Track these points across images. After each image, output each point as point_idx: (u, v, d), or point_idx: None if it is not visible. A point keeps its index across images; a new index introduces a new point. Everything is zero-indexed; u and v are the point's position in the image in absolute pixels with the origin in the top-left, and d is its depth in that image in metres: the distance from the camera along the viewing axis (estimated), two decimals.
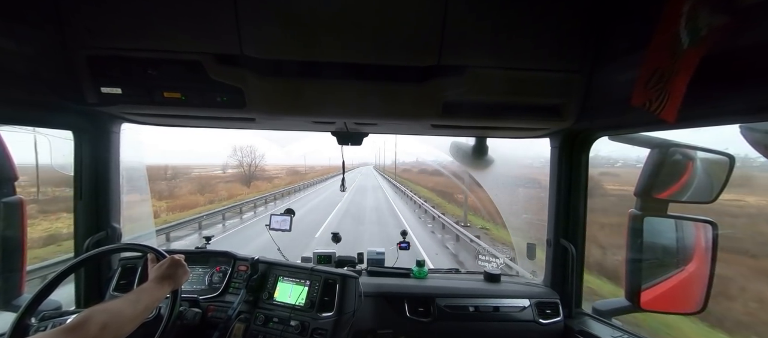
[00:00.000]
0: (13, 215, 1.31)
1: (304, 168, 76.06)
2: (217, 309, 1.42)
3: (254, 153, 42.25)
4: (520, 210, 2.17)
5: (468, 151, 1.77)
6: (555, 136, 1.55)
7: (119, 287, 1.51)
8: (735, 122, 0.82)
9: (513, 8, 0.98)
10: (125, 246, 1.46)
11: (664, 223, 1.29)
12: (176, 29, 1.00)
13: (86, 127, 1.45)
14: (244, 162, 42.20)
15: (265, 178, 43.62)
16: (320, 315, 1.38)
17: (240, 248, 1.73)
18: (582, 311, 1.57)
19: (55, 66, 1.05)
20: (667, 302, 1.30)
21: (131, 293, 0.96)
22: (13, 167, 1.30)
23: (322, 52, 1.03)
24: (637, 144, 1.31)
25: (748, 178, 5.16)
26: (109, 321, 0.79)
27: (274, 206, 18.62)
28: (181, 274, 1.10)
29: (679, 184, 1.25)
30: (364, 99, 1.17)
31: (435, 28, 0.97)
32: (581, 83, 1.13)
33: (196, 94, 1.12)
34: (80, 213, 1.51)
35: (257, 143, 45.24)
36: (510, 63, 1.07)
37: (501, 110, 1.21)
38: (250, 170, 42.08)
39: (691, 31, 0.65)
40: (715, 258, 1.18)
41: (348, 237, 1.98)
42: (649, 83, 0.76)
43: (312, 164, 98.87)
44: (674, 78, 0.69)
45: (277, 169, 66.86)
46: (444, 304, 1.55)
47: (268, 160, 50.28)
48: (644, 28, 0.78)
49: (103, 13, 0.99)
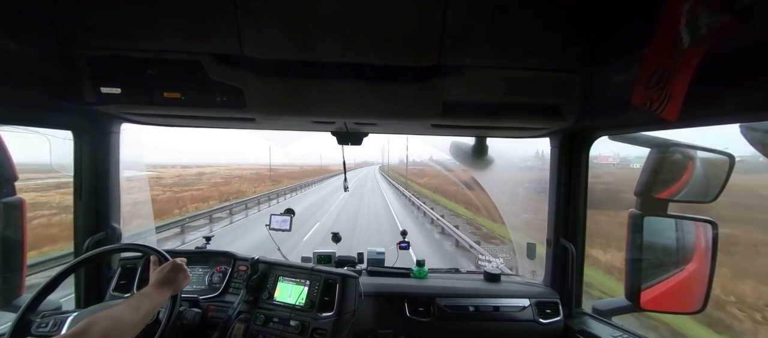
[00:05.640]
0: (13, 215, 1.31)
1: (271, 172, 49.56)
2: (217, 309, 1.42)
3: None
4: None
5: (468, 151, 1.76)
6: (555, 135, 1.55)
7: (119, 287, 1.51)
8: (735, 121, 0.81)
9: (513, 8, 0.98)
10: (126, 246, 1.46)
11: (664, 223, 1.29)
12: (176, 29, 1.00)
13: (86, 127, 1.44)
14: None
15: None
16: (320, 315, 1.38)
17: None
18: (582, 310, 1.57)
19: (55, 66, 1.05)
20: (667, 301, 1.30)
21: (132, 298, 0.96)
22: (13, 167, 1.30)
23: (321, 52, 1.03)
24: (637, 143, 1.31)
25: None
26: (110, 328, 0.79)
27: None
28: (182, 279, 1.10)
29: (679, 184, 1.25)
30: (364, 99, 1.17)
31: (435, 28, 0.97)
32: (581, 83, 1.13)
33: (196, 94, 1.12)
34: (80, 213, 1.51)
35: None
36: (510, 63, 1.07)
37: (501, 110, 1.21)
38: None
39: (692, 31, 0.65)
40: (715, 257, 1.18)
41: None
42: (649, 83, 0.76)
43: (298, 163, 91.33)
44: (675, 77, 0.69)
45: (227, 171, 52.51)
46: (444, 304, 1.55)
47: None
48: (644, 28, 0.78)
49: (102, 13, 0.99)
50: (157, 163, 47.42)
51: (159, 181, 31.49)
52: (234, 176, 44.75)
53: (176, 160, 75.18)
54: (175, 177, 37.89)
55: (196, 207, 17.83)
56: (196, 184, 32.56)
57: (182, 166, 58.84)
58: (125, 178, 1.68)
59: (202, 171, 48.50)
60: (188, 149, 52.17)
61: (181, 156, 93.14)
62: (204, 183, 33.77)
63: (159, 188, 26.21)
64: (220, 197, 22.37)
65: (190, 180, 36.17)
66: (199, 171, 50.31)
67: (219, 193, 24.93)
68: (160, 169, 45.49)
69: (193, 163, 69.36)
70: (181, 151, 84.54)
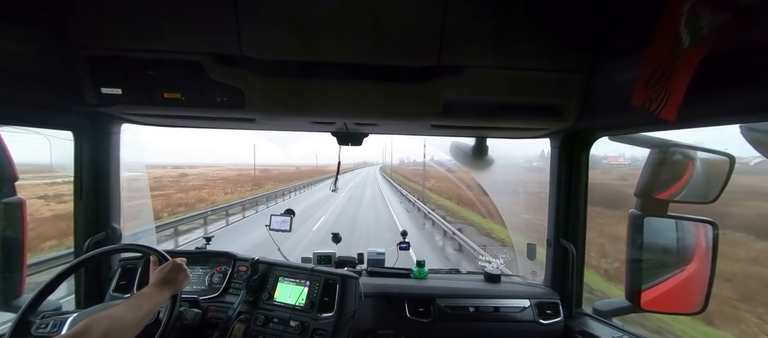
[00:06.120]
0: (14, 215, 1.31)
1: (255, 172, 44.10)
2: (217, 310, 1.42)
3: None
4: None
5: (468, 151, 1.76)
6: (555, 136, 1.55)
7: (119, 287, 1.51)
8: (735, 122, 0.81)
9: (513, 8, 0.98)
10: (126, 246, 1.46)
11: (665, 223, 1.29)
12: (176, 30, 1.00)
13: (86, 127, 1.45)
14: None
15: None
16: (320, 316, 1.38)
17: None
18: (582, 311, 1.57)
19: (56, 66, 1.05)
20: (668, 302, 1.30)
21: (132, 298, 0.96)
22: (13, 167, 1.30)
23: (321, 52, 1.03)
24: (637, 144, 1.31)
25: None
26: (110, 328, 0.79)
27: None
28: (182, 279, 1.10)
29: (679, 184, 1.25)
30: (363, 99, 1.17)
31: (435, 28, 0.97)
32: (581, 83, 1.12)
33: (196, 94, 1.12)
34: (80, 213, 1.51)
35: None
36: (510, 63, 1.07)
37: (501, 110, 1.21)
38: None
39: (692, 31, 0.65)
40: (716, 258, 1.18)
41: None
42: (649, 83, 0.76)
43: (296, 163, 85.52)
44: (674, 77, 0.69)
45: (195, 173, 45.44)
46: (444, 304, 1.55)
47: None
48: (644, 28, 0.77)
49: (103, 13, 0.99)
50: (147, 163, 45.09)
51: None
52: (220, 177, 41.49)
53: (173, 160, 73.96)
54: (153, 179, 35.31)
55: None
56: (165, 188, 27.86)
57: (173, 166, 56.50)
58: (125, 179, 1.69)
59: (185, 172, 44.20)
60: (187, 149, 52.38)
61: (178, 156, 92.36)
62: (174, 188, 28.74)
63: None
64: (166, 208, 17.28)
65: (165, 182, 32.65)
66: (182, 172, 45.43)
67: (170, 202, 19.66)
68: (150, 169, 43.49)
69: (185, 163, 67.42)
70: (179, 151, 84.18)
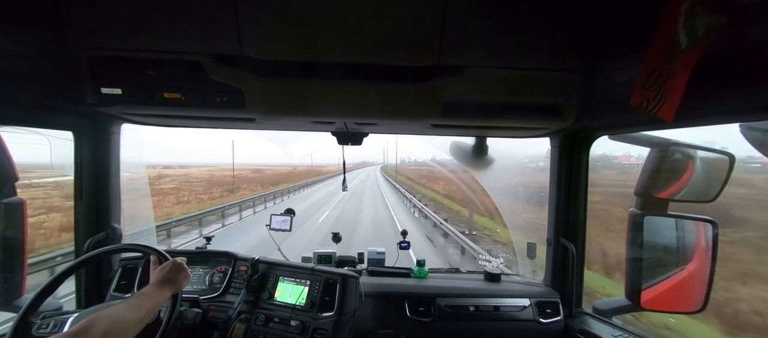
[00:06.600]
0: (14, 216, 1.31)
1: (234, 176, 37.89)
2: (217, 310, 1.42)
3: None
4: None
5: (468, 151, 1.77)
6: (555, 135, 1.55)
7: (120, 287, 1.51)
8: (734, 121, 0.82)
9: (513, 8, 0.98)
10: (126, 246, 1.46)
11: (665, 222, 1.29)
12: (176, 30, 1.00)
13: (86, 127, 1.45)
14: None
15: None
16: (321, 315, 1.38)
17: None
18: (582, 310, 1.57)
19: (56, 66, 1.05)
20: (668, 301, 1.30)
21: (133, 298, 0.96)
22: (14, 168, 1.30)
23: (321, 52, 1.03)
24: (637, 143, 1.31)
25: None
26: (111, 326, 0.79)
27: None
28: (182, 278, 1.10)
29: (679, 183, 1.25)
30: (363, 99, 1.17)
31: (435, 28, 0.97)
32: (581, 83, 1.12)
33: (196, 94, 1.12)
34: (80, 213, 1.51)
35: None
36: (510, 62, 1.07)
37: (501, 110, 1.21)
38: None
39: (690, 31, 0.65)
40: (716, 257, 1.18)
41: None
42: (646, 82, 0.76)
43: (293, 163, 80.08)
44: (672, 77, 0.69)
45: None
46: (444, 304, 1.55)
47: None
48: (645, 28, 0.78)
49: (103, 13, 0.99)
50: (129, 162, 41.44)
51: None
52: (202, 178, 38.51)
53: (174, 160, 72.60)
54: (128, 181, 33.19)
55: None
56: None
57: (164, 166, 54.48)
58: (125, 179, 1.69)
59: (162, 173, 40.24)
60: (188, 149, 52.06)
61: (178, 156, 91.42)
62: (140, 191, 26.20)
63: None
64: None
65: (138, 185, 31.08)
66: (159, 173, 40.45)
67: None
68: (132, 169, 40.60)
69: (176, 163, 64.95)
70: (178, 150, 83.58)
